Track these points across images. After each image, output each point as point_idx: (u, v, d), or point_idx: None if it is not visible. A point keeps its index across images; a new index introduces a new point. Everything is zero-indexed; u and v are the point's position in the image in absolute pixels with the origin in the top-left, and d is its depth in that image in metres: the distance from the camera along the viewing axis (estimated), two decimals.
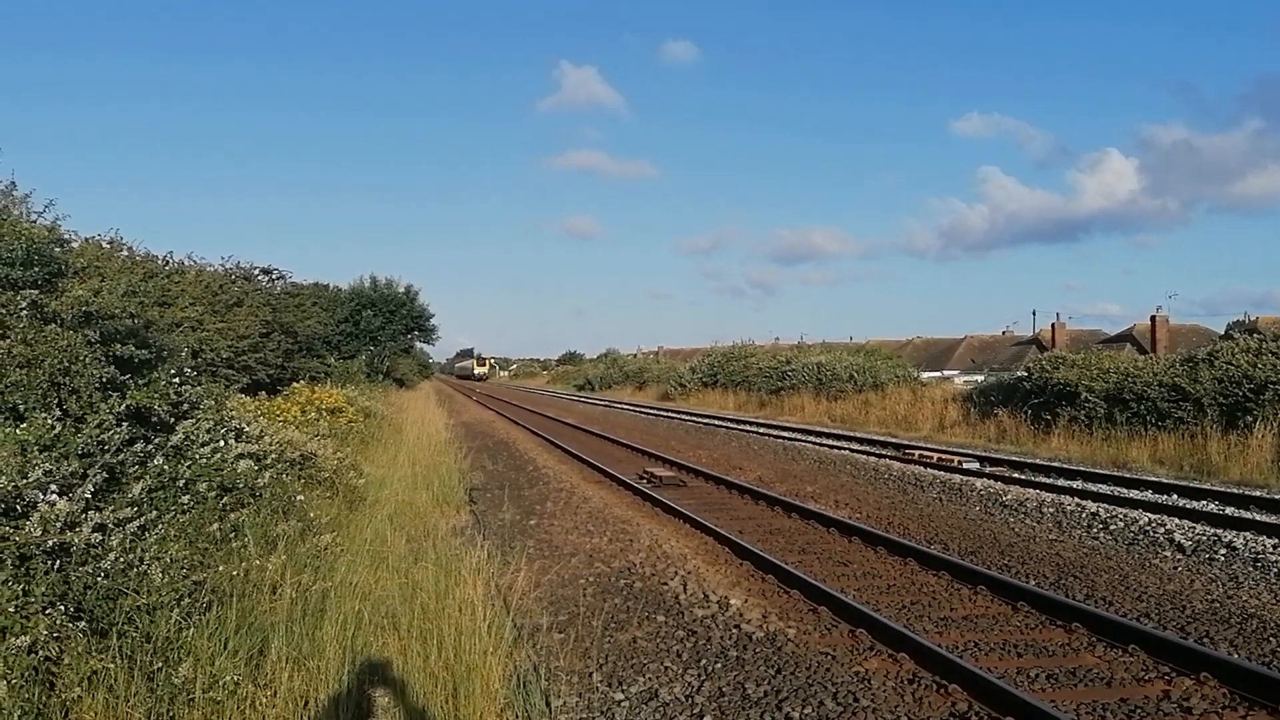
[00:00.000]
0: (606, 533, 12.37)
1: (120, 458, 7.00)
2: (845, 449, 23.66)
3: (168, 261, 21.44)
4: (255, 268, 28.72)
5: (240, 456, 8.90)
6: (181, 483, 7.63)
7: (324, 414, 18.20)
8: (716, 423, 34.32)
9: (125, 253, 17.77)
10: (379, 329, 50.51)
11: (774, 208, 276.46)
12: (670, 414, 40.98)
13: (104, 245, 16.53)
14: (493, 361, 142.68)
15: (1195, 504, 14.10)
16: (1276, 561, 10.10)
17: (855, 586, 9.39)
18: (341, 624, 5.92)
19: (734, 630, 7.93)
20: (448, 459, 17.99)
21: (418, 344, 64.76)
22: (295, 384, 22.04)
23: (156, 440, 7.87)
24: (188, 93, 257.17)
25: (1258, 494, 14.81)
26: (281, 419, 15.12)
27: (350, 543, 8.51)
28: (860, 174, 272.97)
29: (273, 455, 10.09)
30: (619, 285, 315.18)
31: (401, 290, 54.47)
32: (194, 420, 8.83)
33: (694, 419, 36.70)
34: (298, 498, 9.47)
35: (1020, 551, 11.12)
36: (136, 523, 6.24)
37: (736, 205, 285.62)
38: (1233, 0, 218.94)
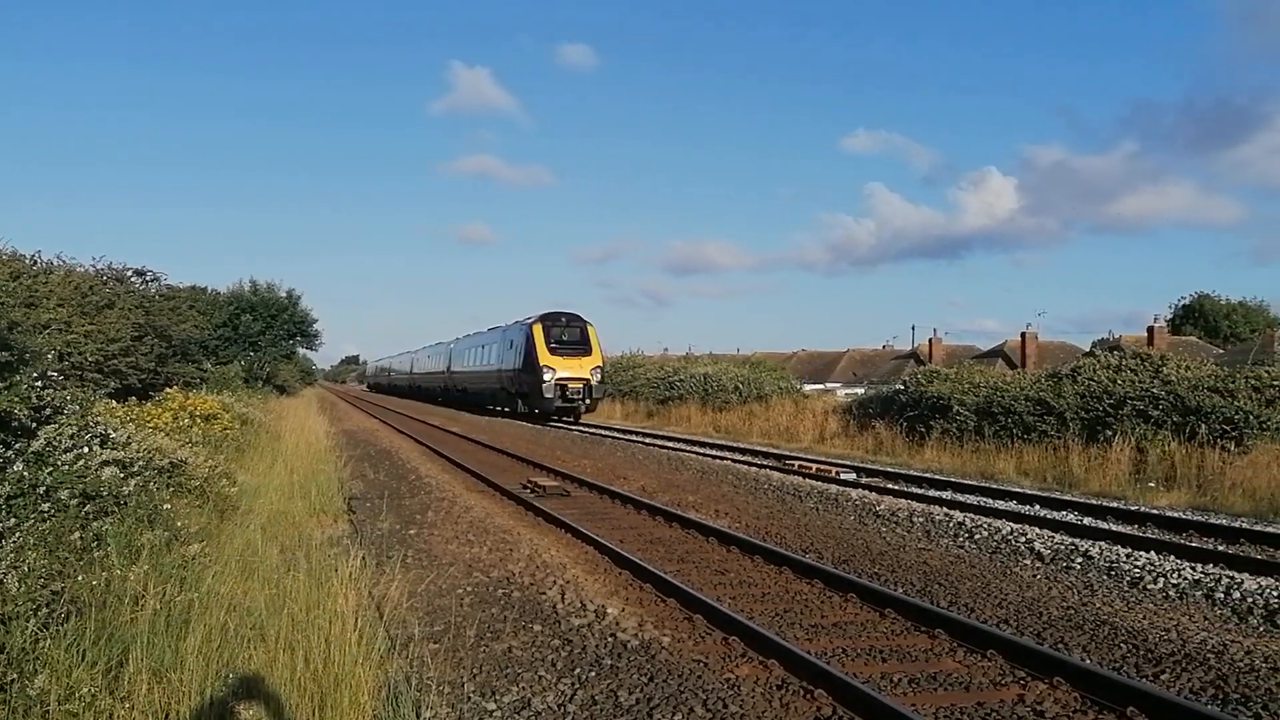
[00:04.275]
0: (487, 542, 12.33)
1: None
2: (728, 459, 24.00)
3: (35, 261, 20.65)
4: (128, 269, 27.75)
5: (105, 464, 8.63)
6: (42, 490, 7.37)
7: (197, 420, 17.70)
8: (604, 433, 34.43)
9: None
10: (259, 334, 49.18)
11: (668, 218, 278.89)
12: (557, 424, 40.91)
13: None
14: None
15: (1056, 514, 14.72)
16: (1129, 570, 10.60)
17: (731, 595, 9.54)
18: (206, 635, 5.80)
19: (609, 639, 8.00)
20: (327, 467, 17.65)
21: (300, 350, 63.36)
22: (168, 389, 21.39)
23: (16, 446, 7.59)
24: (67, 94, 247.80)
25: (1115, 505, 15.55)
26: (151, 425, 14.68)
27: (220, 553, 8.32)
28: (754, 187, 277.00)
29: (140, 462, 9.80)
30: (513, 293, 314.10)
31: (283, 295, 53.22)
32: (57, 426, 8.54)
33: (581, 429, 36.72)
34: (165, 506, 9.21)
35: (890, 560, 11.44)
36: None
37: (631, 215, 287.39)
38: (1112, 25, 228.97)
